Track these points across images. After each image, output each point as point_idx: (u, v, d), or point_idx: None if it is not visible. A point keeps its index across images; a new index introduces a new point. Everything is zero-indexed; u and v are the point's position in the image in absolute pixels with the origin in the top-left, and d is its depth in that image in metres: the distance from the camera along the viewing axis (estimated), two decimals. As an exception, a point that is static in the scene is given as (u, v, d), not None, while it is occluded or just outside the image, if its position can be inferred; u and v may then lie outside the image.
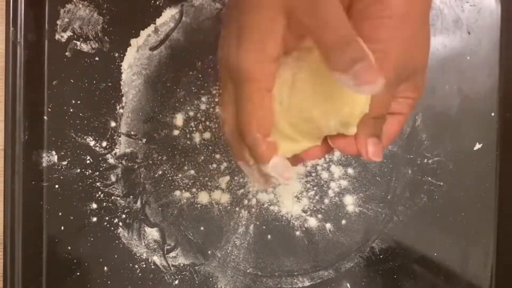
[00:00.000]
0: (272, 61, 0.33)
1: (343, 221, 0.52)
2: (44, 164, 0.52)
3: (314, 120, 0.35)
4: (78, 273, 0.52)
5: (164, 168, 0.52)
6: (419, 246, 0.52)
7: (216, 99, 0.52)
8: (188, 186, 0.52)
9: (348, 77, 0.29)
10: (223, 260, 0.52)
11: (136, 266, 0.52)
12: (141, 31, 0.53)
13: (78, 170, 0.52)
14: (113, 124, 0.53)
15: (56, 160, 0.52)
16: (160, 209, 0.53)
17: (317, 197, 0.52)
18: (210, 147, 0.52)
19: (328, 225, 0.52)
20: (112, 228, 0.52)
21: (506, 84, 0.52)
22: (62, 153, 0.52)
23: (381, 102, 0.35)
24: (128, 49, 0.52)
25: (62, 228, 0.52)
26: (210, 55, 0.52)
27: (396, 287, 0.52)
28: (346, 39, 0.30)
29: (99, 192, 0.52)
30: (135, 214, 0.52)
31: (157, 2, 0.52)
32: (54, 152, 0.52)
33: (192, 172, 0.52)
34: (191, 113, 0.52)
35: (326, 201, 0.52)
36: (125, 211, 0.52)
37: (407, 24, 0.33)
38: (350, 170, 0.52)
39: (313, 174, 0.52)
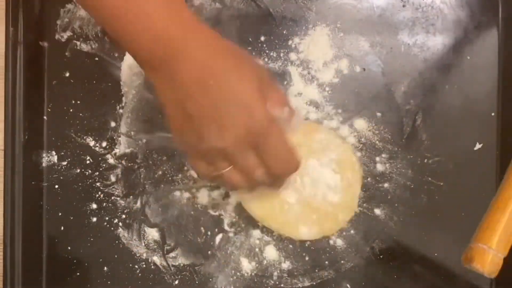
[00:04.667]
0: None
1: (343, 221, 0.52)
2: (44, 164, 0.52)
3: None
4: (78, 273, 0.52)
5: (164, 168, 0.52)
6: (419, 246, 0.52)
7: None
8: (188, 186, 0.52)
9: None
10: (223, 260, 0.52)
11: (136, 266, 0.52)
12: (141, 31, 0.52)
13: (78, 170, 0.52)
14: (113, 124, 0.53)
15: (56, 160, 0.52)
16: (160, 209, 0.52)
17: (317, 197, 0.52)
18: (210, 147, 0.52)
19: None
20: (112, 228, 0.52)
21: (506, 84, 0.52)
22: (62, 153, 0.52)
23: None
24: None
25: (62, 228, 0.52)
26: (210, 55, 0.52)
27: (396, 287, 0.52)
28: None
29: (99, 192, 0.52)
30: (135, 214, 0.52)
31: (157, 2, 0.52)
32: (54, 152, 0.52)
33: (192, 172, 0.52)
34: (191, 113, 0.52)
35: (326, 201, 0.52)
36: (125, 211, 0.52)
37: None
38: (350, 170, 0.52)
39: (313, 174, 0.52)
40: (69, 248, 0.52)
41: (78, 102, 0.52)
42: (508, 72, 0.52)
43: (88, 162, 0.52)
